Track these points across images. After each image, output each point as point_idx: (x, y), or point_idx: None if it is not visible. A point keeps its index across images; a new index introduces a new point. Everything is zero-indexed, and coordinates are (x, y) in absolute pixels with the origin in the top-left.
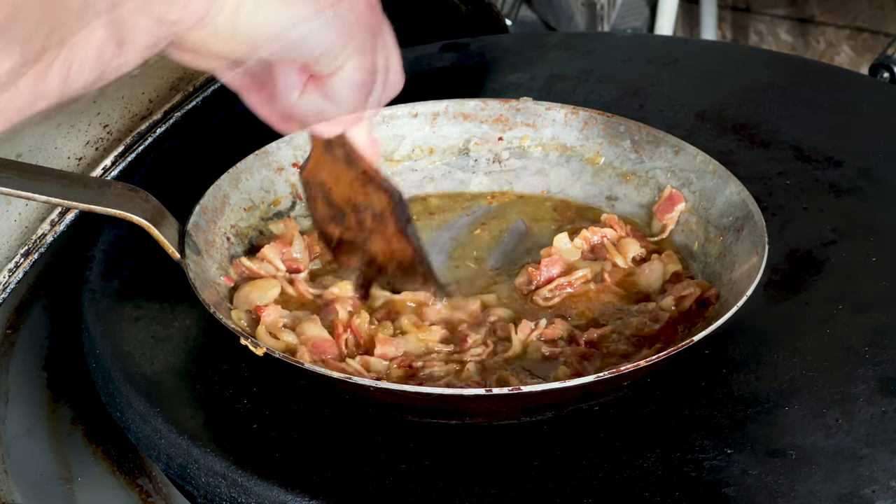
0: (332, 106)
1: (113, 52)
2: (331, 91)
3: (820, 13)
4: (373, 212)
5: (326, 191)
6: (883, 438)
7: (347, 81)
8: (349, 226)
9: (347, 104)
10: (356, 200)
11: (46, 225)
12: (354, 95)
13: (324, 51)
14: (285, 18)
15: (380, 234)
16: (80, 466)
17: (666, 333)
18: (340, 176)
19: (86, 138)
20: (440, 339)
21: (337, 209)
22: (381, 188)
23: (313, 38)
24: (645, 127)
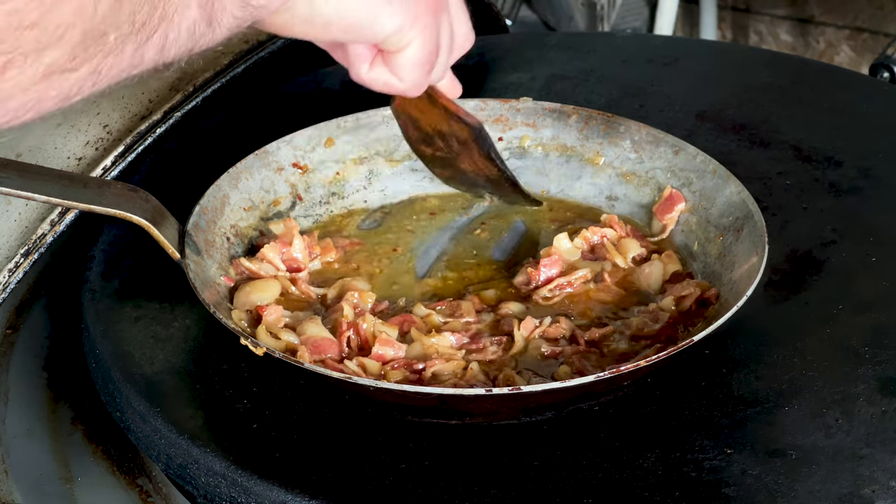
0: (397, 80)
1: (203, 29)
2: (396, 67)
3: (820, 13)
4: (458, 139)
5: (414, 120)
6: (883, 438)
7: (411, 60)
8: (438, 147)
9: (410, 80)
10: (442, 129)
11: (46, 225)
12: (418, 72)
13: (390, 32)
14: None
15: (467, 155)
16: (80, 466)
17: (666, 333)
18: (425, 110)
19: (86, 138)
20: (450, 346)
21: (426, 134)
22: (462, 122)
23: (380, 21)
24: (645, 127)
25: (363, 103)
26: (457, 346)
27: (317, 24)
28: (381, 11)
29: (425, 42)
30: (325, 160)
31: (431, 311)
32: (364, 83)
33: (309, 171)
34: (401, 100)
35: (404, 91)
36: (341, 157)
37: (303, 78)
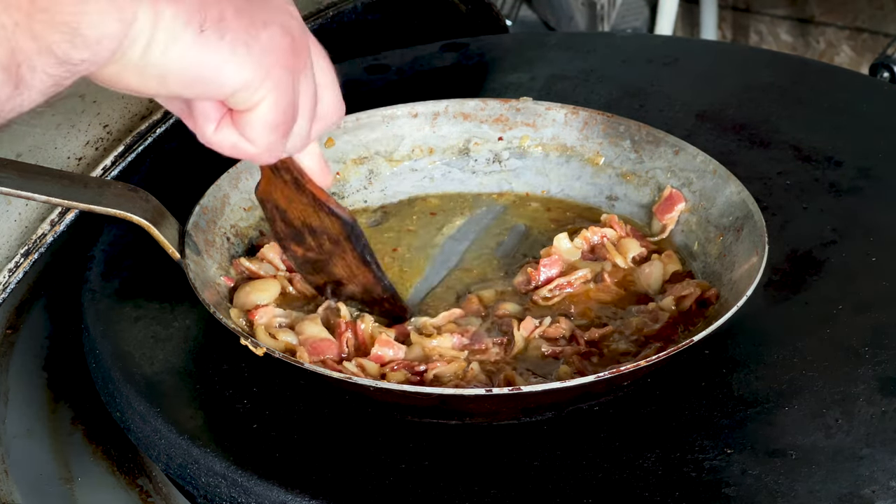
0: (246, 143)
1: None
2: (245, 128)
3: (820, 13)
4: (329, 236)
5: (282, 211)
6: (883, 438)
7: (262, 120)
8: (309, 246)
9: (262, 143)
10: (311, 224)
11: (46, 225)
12: (270, 135)
13: (237, 87)
14: (197, 54)
15: (340, 257)
16: (80, 466)
17: (666, 333)
18: (293, 199)
19: (86, 138)
20: (452, 346)
21: (295, 229)
22: (333, 214)
23: (225, 74)
24: (645, 127)
25: (363, 103)
26: (458, 347)
27: (151, 76)
28: (227, 63)
29: (278, 100)
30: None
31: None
32: (211, 146)
33: None
34: (264, 185)
35: (255, 156)
36: (341, 157)
37: None
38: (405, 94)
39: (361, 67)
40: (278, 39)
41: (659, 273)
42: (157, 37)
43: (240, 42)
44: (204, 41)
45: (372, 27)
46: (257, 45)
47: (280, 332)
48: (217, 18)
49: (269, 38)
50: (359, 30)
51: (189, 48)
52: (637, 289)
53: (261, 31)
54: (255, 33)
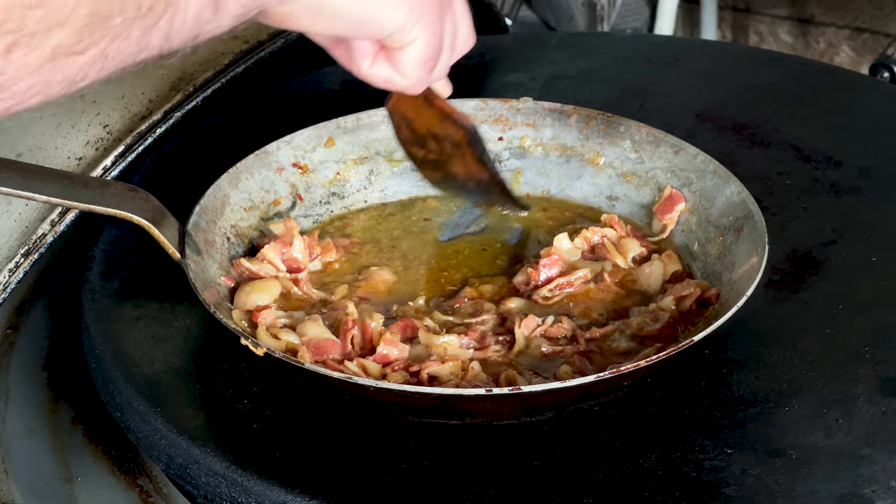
0: (398, 77)
1: (209, 16)
2: (399, 64)
3: (820, 13)
4: (451, 141)
5: (408, 121)
6: (883, 438)
7: (414, 57)
8: (431, 149)
9: (413, 77)
10: (436, 131)
11: (46, 225)
12: (420, 70)
13: (395, 28)
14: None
15: (459, 158)
16: (80, 466)
17: (666, 333)
18: (420, 111)
19: (86, 138)
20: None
21: (419, 135)
22: (457, 124)
23: (385, 17)
24: (645, 127)
25: (363, 103)
26: (465, 346)
27: (323, 16)
28: (387, 6)
29: (429, 40)
30: (325, 160)
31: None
32: (365, 79)
33: (309, 171)
34: (396, 99)
35: (405, 88)
36: (341, 157)
37: (303, 78)
38: None
39: None
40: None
41: (659, 273)
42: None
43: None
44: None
45: None
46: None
47: (282, 332)
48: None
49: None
50: None
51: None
52: (637, 289)
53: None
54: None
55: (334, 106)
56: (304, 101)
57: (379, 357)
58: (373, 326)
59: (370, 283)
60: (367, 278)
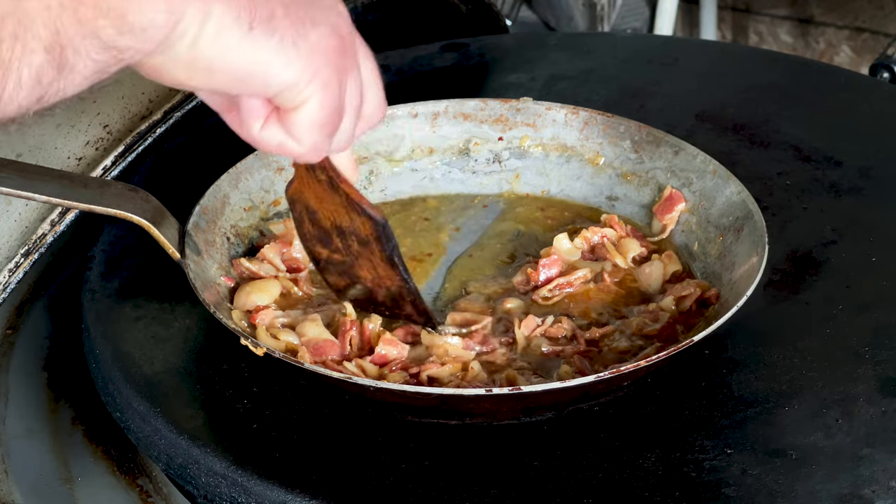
0: (292, 142)
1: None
2: (292, 126)
3: (820, 13)
4: (358, 237)
5: (312, 212)
6: (883, 438)
7: (308, 119)
8: (336, 248)
9: (307, 142)
10: (341, 224)
11: (46, 225)
12: (316, 134)
13: (284, 86)
14: (246, 51)
15: (367, 259)
16: (80, 466)
17: (666, 333)
18: (324, 199)
19: (86, 138)
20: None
21: (323, 230)
22: (365, 214)
23: (274, 72)
24: (645, 127)
25: None
26: (468, 348)
27: (199, 70)
28: (275, 61)
29: (325, 100)
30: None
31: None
32: (256, 144)
33: None
34: (297, 185)
35: (302, 156)
36: None
37: None
38: (405, 94)
39: None
40: (327, 39)
41: (659, 273)
42: (205, 31)
43: (288, 40)
44: (252, 39)
45: (372, 27)
46: (306, 44)
47: (281, 333)
48: (267, 17)
49: (318, 38)
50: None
51: (237, 45)
52: (637, 289)
53: (310, 30)
54: (304, 32)
55: None
56: None
57: (377, 357)
58: (370, 328)
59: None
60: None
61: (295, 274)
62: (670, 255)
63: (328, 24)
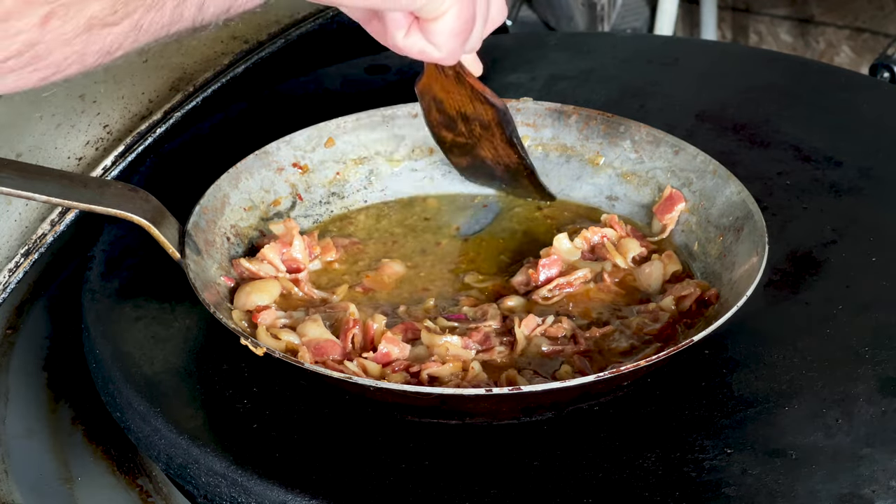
0: (432, 48)
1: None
2: (432, 35)
3: (820, 13)
4: (481, 122)
5: (439, 102)
6: (883, 438)
7: (447, 28)
8: (460, 132)
9: (446, 48)
10: (466, 112)
11: (46, 225)
12: (453, 41)
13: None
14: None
15: (488, 140)
16: (80, 466)
17: (666, 333)
18: (451, 90)
19: (86, 138)
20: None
21: (449, 117)
22: (488, 102)
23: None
24: (645, 127)
25: (363, 103)
26: (469, 347)
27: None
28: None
29: (462, 10)
30: (325, 160)
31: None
32: (399, 51)
33: (309, 171)
34: (426, 80)
35: (440, 59)
36: (341, 157)
37: (303, 78)
38: (405, 94)
39: (361, 67)
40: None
41: (659, 273)
42: None
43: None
44: None
45: None
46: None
47: (282, 332)
48: None
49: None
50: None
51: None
52: (637, 289)
53: None
54: None
55: (334, 106)
56: (304, 101)
57: (380, 356)
58: (375, 328)
59: (379, 274)
60: (378, 269)
61: (295, 274)
62: (670, 255)
63: None
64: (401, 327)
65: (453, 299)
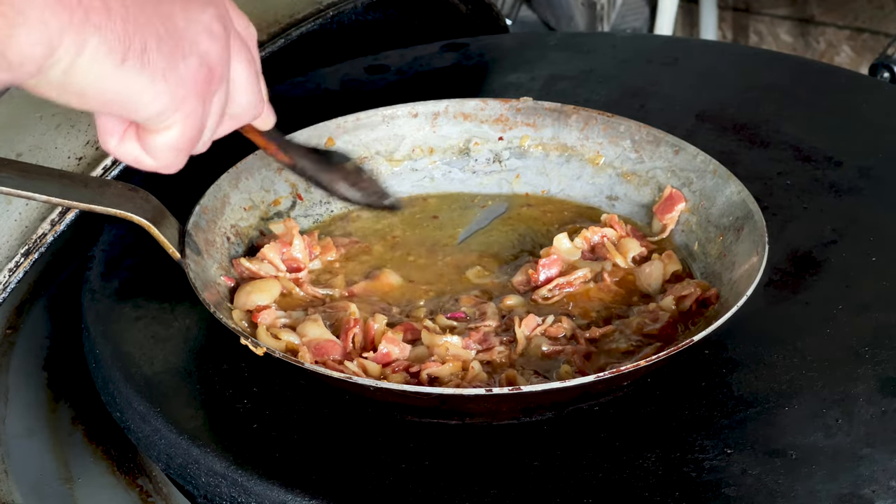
0: (148, 158)
1: None
2: (151, 147)
3: (820, 13)
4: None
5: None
6: (883, 438)
7: (167, 143)
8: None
9: (164, 160)
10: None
11: (46, 225)
12: (171, 154)
13: (150, 115)
14: (117, 82)
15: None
16: (80, 466)
17: (666, 333)
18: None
19: (86, 138)
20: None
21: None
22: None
23: (143, 102)
24: (645, 127)
25: (363, 103)
26: (469, 347)
27: (71, 94)
28: (144, 92)
29: (186, 129)
30: None
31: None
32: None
33: None
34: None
35: (155, 169)
36: None
37: (302, 78)
38: (405, 94)
39: (361, 67)
40: (194, 70)
41: (659, 273)
42: (79, 61)
43: (158, 74)
44: (125, 71)
45: (372, 27)
46: (174, 76)
47: (282, 332)
48: (140, 50)
49: (186, 70)
50: (359, 30)
51: (109, 75)
52: (637, 289)
53: (179, 62)
54: (175, 64)
55: (334, 106)
56: (304, 101)
57: (380, 356)
58: (375, 328)
59: (376, 282)
60: (375, 278)
61: (295, 274)
62: (670, 255)
63: (198, 54)
64: (401, 327)
65: (453, 298)
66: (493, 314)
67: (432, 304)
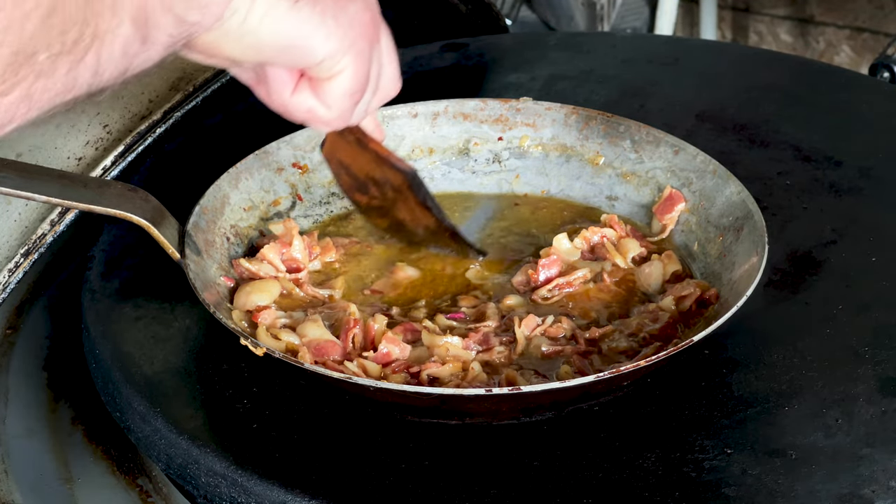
0: (322, 108)
1: (137, 48)
2: (324, 94)
3: (820, 13)
4: (391, 186)
5: (346, 166)
6: (883, 438)
7: (341, 88)
8: (373, 195)
9: (337, 108)
10: (374, 176)
11: (46, 225)
12: (345, 102)
13: (324, 58)
14: (291, 25)
15: (402, 203)
16: (80, 466)
17: (666, 333)
18: (356, 155)
19: (86, 138)
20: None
21: (358, 181)
22: (395, 168)
23: (316, 45)
24: (645, 127)
25: None
26: (469, 348)
27: (247, 44)
28: (317, 33)
29: (357, 71)
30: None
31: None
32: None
33: (309, 171)
34: (330, 144)
35: (328, 121)
36: None
37: None
38: (405, 94)
39: None
40: (362, 13)
41: (659, 273)
42: (255, 8)
43: (329, 14)
44: (297, 12)
45: None
46: (345, 17)
47: (282, 333)
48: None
49: (355, 11)
50: None
51: (283, 18)
52: (637, 289)
53: (348, 4)
54: (343, 6)
55: None
56: None
57: (380, 356)
58: (375, 328)
59: (392, 278)
60: (392, 273)
61: (295, 274)
62: (670, 255)
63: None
64: (401, 327)
65: (452, 298)
66: (493, 314)
67: (432, 304)
